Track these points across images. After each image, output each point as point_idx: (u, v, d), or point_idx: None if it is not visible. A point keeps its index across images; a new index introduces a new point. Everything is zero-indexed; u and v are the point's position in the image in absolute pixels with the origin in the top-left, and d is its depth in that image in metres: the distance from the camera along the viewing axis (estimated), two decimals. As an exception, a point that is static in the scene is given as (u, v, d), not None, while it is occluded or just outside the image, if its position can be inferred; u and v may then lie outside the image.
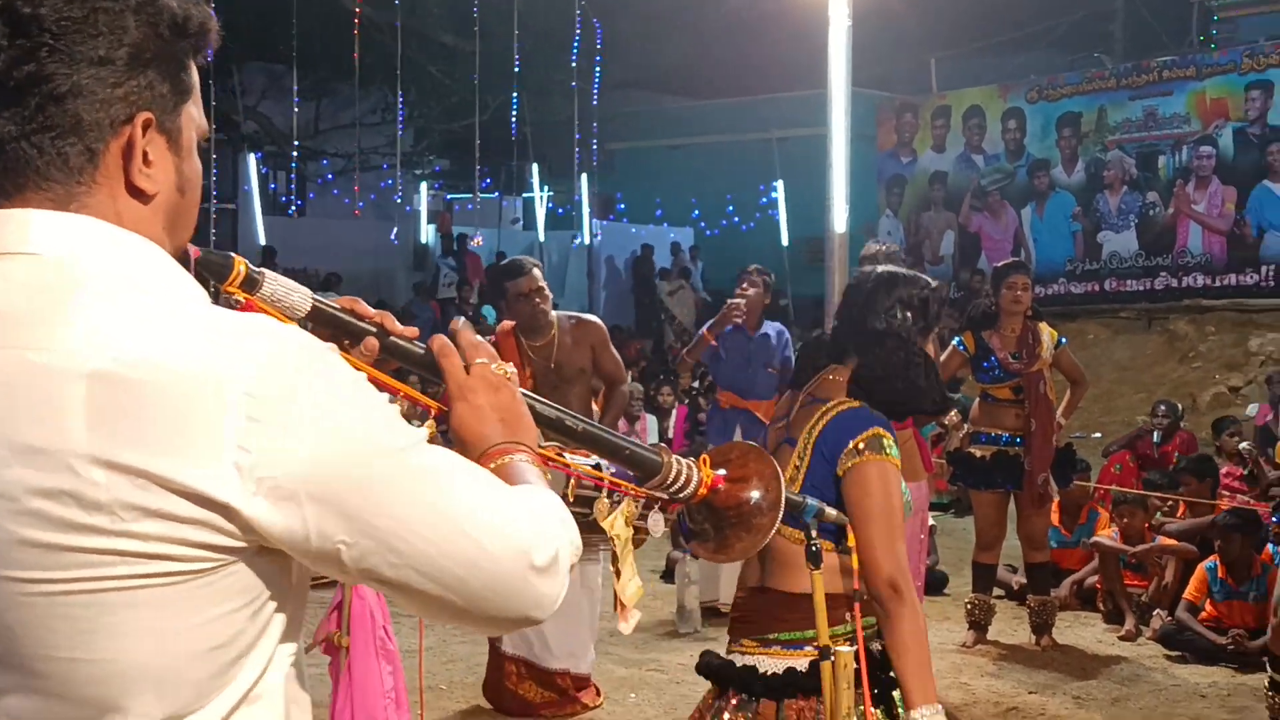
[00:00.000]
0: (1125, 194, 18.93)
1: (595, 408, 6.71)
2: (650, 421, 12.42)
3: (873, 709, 3.08)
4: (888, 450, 3.27)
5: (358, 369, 1.68)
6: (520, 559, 1.45)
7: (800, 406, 3.43)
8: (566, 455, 2.16)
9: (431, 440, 1.67)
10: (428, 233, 25.66)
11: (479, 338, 1.79)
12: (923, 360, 3.39)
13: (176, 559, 1.33)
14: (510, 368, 1.77)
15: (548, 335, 6.20)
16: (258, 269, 1.69)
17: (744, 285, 8.03)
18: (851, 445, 3.24)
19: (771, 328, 8.14)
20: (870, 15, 10.22)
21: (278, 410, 1.34)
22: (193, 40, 1.50)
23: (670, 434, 12.94)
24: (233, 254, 1.67)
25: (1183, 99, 18.42)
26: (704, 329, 7.99)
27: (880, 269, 3.57)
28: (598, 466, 2.19)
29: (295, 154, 18.76)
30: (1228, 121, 17.99)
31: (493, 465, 1.61)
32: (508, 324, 6.33)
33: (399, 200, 21.34)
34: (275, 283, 1.69)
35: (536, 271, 6.25)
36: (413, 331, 1.79)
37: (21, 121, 1.39)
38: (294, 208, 20.19)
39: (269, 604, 1.43)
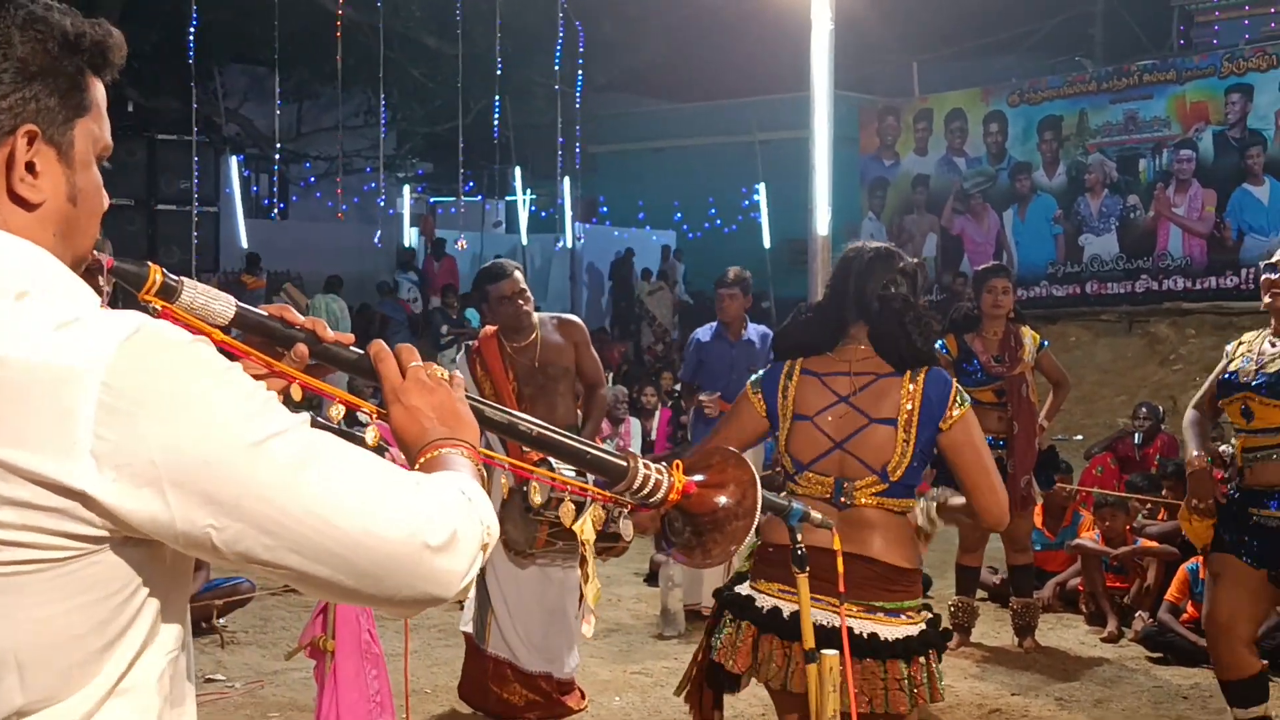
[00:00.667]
0: (1106, 197, 18.99)
1: (579, 411, 6.71)
2: (634, 425, 12.41)
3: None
4: (966, 399, 3.74)
5: (287, 375, 1.73)
6: (411, 538, 1.47)
7: (863, 387, 3.72)
8: (552, 463, 2.16)
9: (376, 444, 1.73)
10: (411, 235, 25.63)
11: (411, 345, 1.82)
12: (927, 314, 3.79)
13: (37, 547, 1.36)
14: (445, 370, 1.80)
15: (530, 336, 6.20)
16: (175, 278, 1.70)
17: (724, 302, 8.03)
18: (951, 400, 3.68)
19: (755, 331, 8.15)
20: (853, 19, 10.26)
21: (135, 399, 1.36)
22: (86, 57, 1.52)
23: (653, 435, 12.94)
24: (149, 263, 1.70)
25: (1163, 102, 18.49)
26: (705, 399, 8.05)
27: (873, 244, 3.93)
28: (582, 474, 2.19)
29: (277, 157, 18.70)
30: (1208, 125, 18.06)
31: (422, 460, 1.66)
32: (490, 328, 6.33)
33: (382, 203, 21.31)
34: (195, 290, 1.71)
35: (518, 274, 6.24)
36: (348, 338, 1.83)
37: None
38: (276, 211, 20.13)
39: (138, 594, 1.44)
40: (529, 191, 26.14)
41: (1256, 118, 17.70)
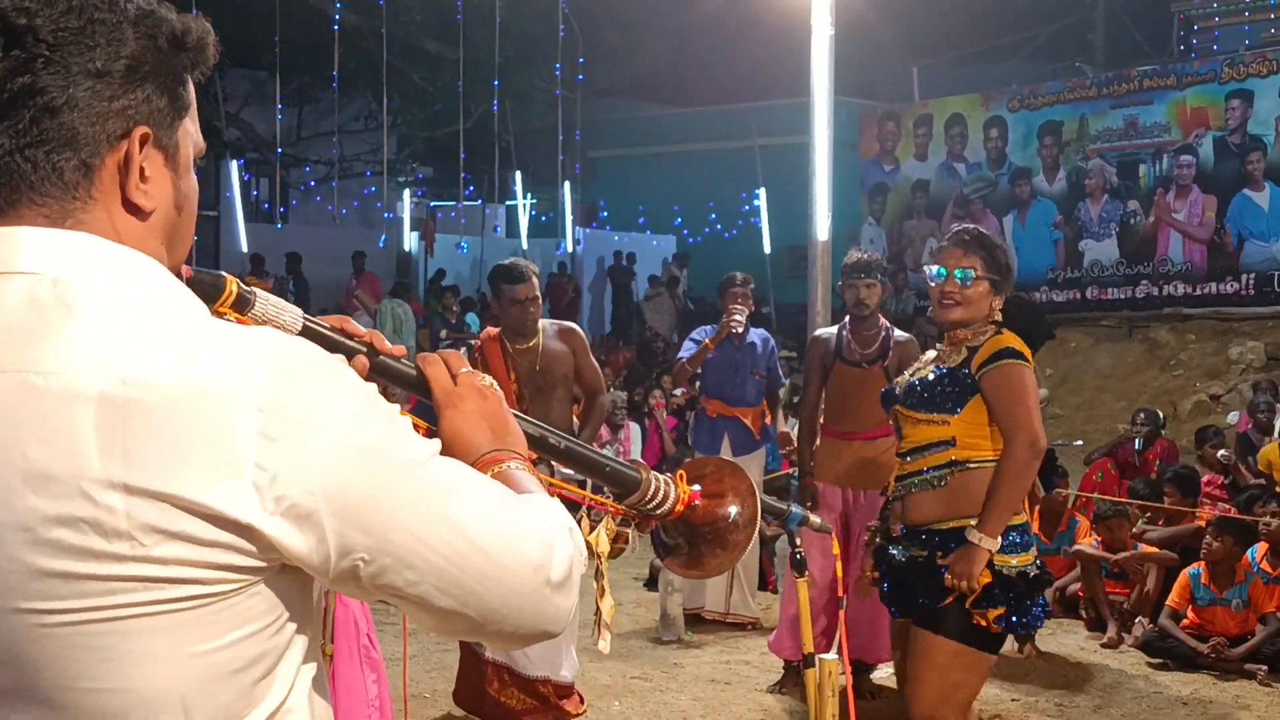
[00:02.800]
0: (1106, 203, 18.99)
1: (574, 417, 6.71)
2: (634, 430, 12.41)
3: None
4: None
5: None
6: (537, 574, 1.44)
7: None
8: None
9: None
10: (411, 240, 25.63)
11: (460, 354, 1.79)
12: None
13: (198, 582, 1.30)
14: (492, 379, 1.76)
15: (533, 340, 6.22)
16: (249, 289, 1.66)
17: (737, 301, 7.99)
18: None
19: (757, 335, 8.15)
20: (853, 24, 10.26)
21: (291, 426, 1.31)
22: (190, 54, 1.47)
23: (645, 443, 12.93)
24: (224, 273, 1.64)
25: (1163, 108, 18.49)
26: (706, 339, 7.97)
27: None
28: (582, 484, 2.19)
29: (278, 161, 18.70)
30: (1208, 131, 18.06)
31: (489, 473, 1.58)
32: (492, 330, 6.34)
33: (381, 208, 21.33)
34: (266, 302, 1.67)
35: (535, 279, 6.27)
36: (400, 350, 1.77)
37: (16, 135, 1.35)
38: (277, 215, 20.12)
39: (290, 623, 1.40)
40: (529, 196, 26.15)
41: (1257, 123, 17.69)
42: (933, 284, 4.37)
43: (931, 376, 4.41)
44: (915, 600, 4.41)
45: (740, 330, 7.86)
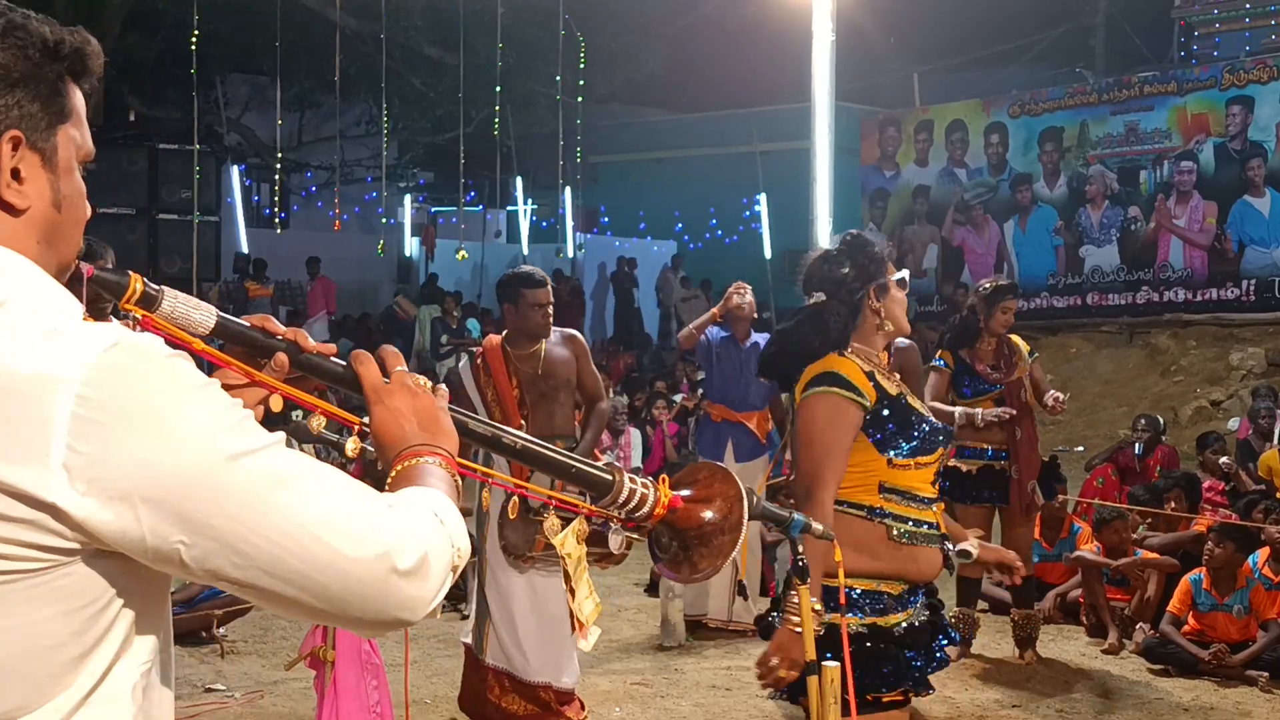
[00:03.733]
0: (1107, 208, 19.00)
1: (576, 424, 6.72)
2: (635, 435, 12.41)
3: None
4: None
5: (267, 385, 1.72)
6: (380, 561, 1.46)
7: None
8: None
9: (357, 454, 1.73)
10: (412, 245, 25.62)
11: (396, 349, 1.82)
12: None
13: (7, 558, 1.35)
14: (428, 380, 1.79)
15: (536, 345, 6.23)
16: (156, 287, 1.69)
17: (741, 290, 8.05)
18: None
19: (761, 338, 8.16)
20: (854, 30, 10.28)
21: (111, 411, 1.36)
22: (66, 63, 1.54)
23: (647, 449, 12.92)
24: (130, 272, 1.69)
25: (1164, 114, 18.50)
26: (711, 310, 8.07)
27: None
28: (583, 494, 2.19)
29: (278, 166, 18.70)
30: (1208, 136, 18.07)
31: (400, 466, 1.64)
32: (494, 338, 6.36)
33: (382, 213, 21.35)
34: (175, 300, 1.70)
35: (550, 285, 6.33)
36: (329, 349, 1.81)
37: None
38: (277, 220, 20.13)
39: (113, 604, 1.44)
40: (530, 201, 26.14)
41: (1257, 129, 17.71)
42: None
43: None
44: None
45: (742, 314, 7.90)
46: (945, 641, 3.92)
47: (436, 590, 1.52)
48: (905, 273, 3.86)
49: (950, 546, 3.78)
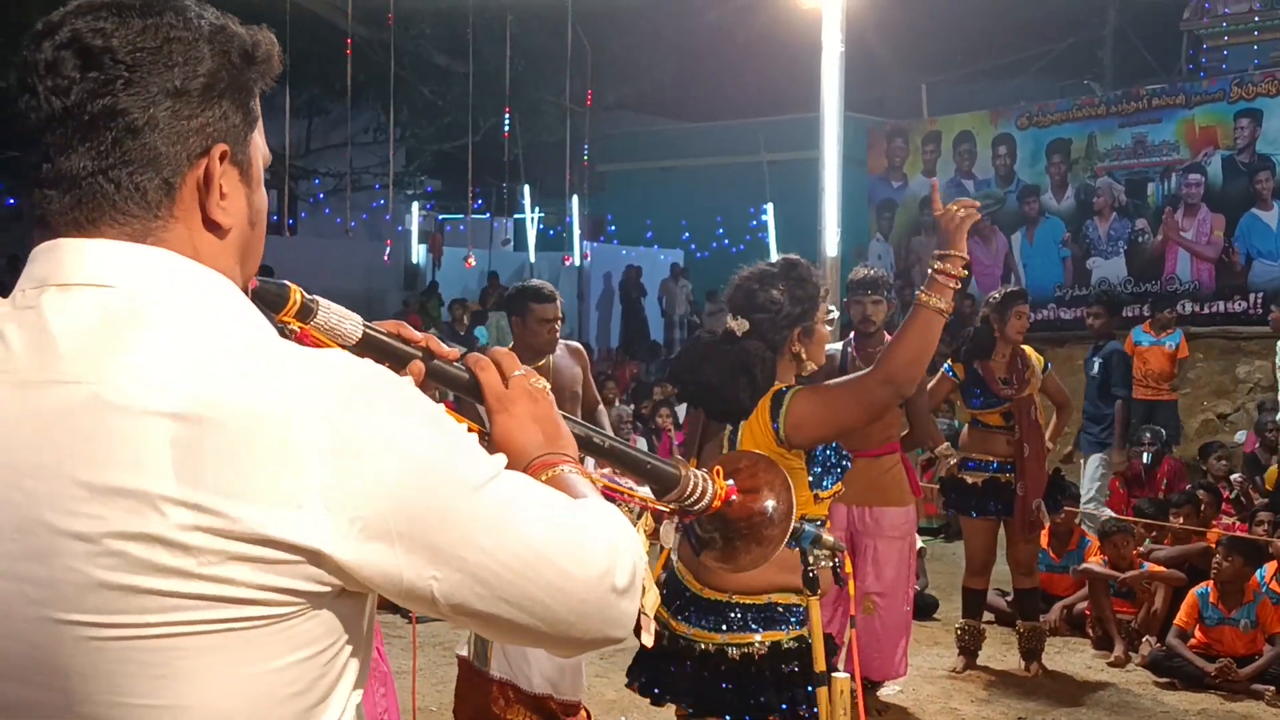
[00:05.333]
0: (1114, 220, 18.98)
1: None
2: (641, 445, 12.42)
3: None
4: None
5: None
6: (603, 581, 1.43)
7: None
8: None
9: None
10: (419, 253, 25.64)
11: (512, 353, 1.79)
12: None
13: (260, 603, 1.29)
14: (544, 381, 1.76)
15: (544, 358, 6.26)
16: (311, 298, 1.68)
17: None
18: None
19: None
20: (862, 41, 10.29)
21: (360, 447, 1.30)
22: (260, 68, 1.48)
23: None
24: (288, 283, 1.66)
25: (1172, 127, 18.49)
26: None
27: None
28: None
29: (287, 173, 18.73)
30: (1216, 149, 18.05)
31: (544, 477, 1.58)
32: (501, 349, 6.37)
33: (390, 220, 21.40)
34: (329, 311, 1.69)
35: (560, 300, 6.34)
36: (454, 353, 1.78)
37: (98, 156, 1.36)
38: (286, 227, 20.16)
39: (345, 648, 1.39)
40: (537, 209, 26.18)
41: (1265, 143, 17.69)
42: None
43: None
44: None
45: None
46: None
47: (638, 605, 1.50)
48: (834, 312, 3.81)
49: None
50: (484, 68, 17.71)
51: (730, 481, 2.17)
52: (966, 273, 3.52)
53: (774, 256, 3.93)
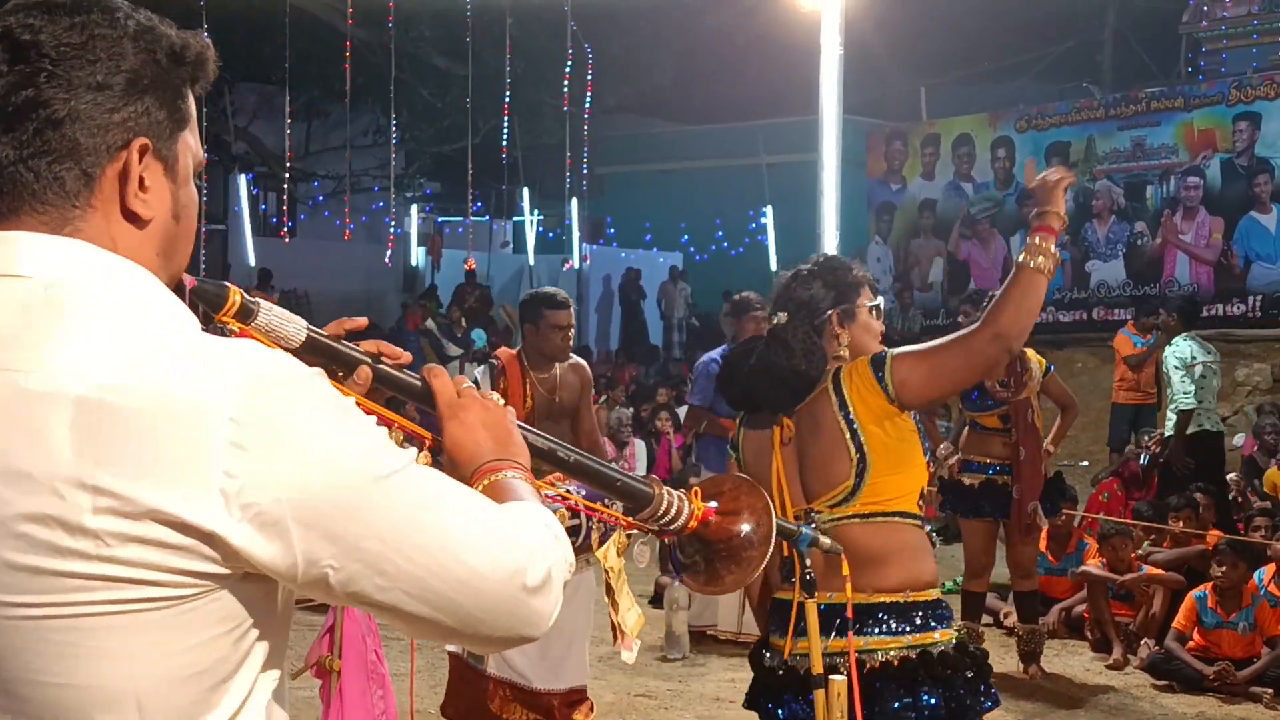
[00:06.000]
0: (1113, 223, 19.01)
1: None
2: (639, 447, 12.42)
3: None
4: None
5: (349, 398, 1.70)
6: (513, 579, 1.46)
7: None
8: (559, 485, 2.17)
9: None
10: (418, 255, 25.65)
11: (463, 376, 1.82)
12: None
13: (160, 584, 1.33)
14: (499, 396, 1.78)
15: (552, 368, 6.26)
16: (253, 299, 1.69)
17: (751, 325, 7.89)
18: None
19: None
20: (861, 43, 10.30)
21: (263, 436, 1.34)
22: (189, 69, 1.50)
23: (651, 461, 12.91)
24: (228, 284, 1.68)
25: (1171, 130, 18.51)
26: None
27: None
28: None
29: (286, 175, 18.72)
30: (1215, 152, 18.07)
31: (485, 481, 1.62)
32: (511, 352, 6.37)
33: (389, 223, 21.42)
34: (270, 313, 1.70)
35: (573, 308, 6.35)
36: (405, 358, 1.80)
37: (19, 146, 1.40)
38: (284, 229, 20.17)
39: (253, 630, 1.42)
40: (536, 212, 26.19)
41: (1264, 145, 17.71)
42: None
43: None
44: None
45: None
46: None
47: (555, 605, 1.51)
48: (880, 300, 3.78)
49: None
50: (483, 70, 17.73)
51: (713, 504, 2.17)
52: (1064, 228, 3.50)
53: (773, 259, 3.93)
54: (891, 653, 3.38)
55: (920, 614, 3.46)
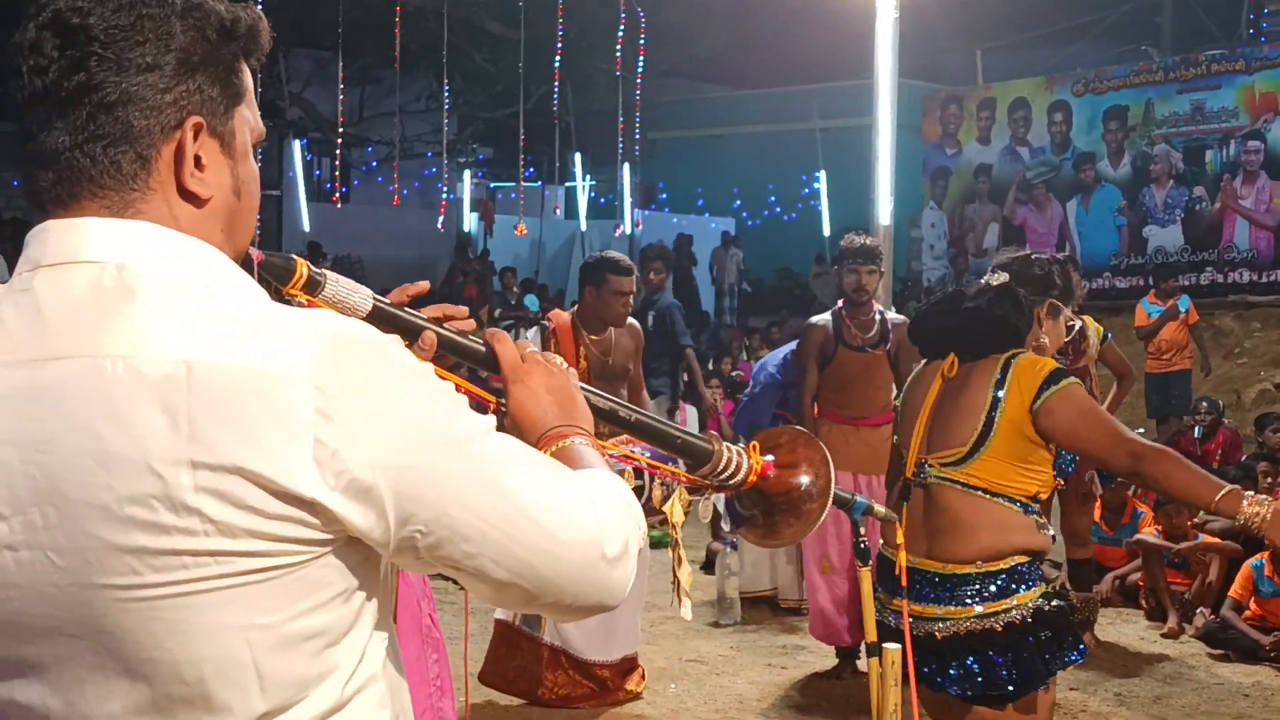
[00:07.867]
0: (1171, 188, 18.78)
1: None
2: (691, 412, 12.42)
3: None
4: None
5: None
6: (591, 548, 1.47)
7: None
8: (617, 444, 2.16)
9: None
10: (470, 220, 25.69)
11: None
12: None
13: (267, 554, 1.35)
14: (562, 359, 1.79)
15: (607, 331, 6.28)
16: (319, 271, 1.70)
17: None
18: None
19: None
20: (916, 6, 10.20)
21: (348, 404, 1.35)
22: (241, 43, 1.51)
23: (701, 427, 12.89)
24: (294, 256, 1.69)
25: (1231, 93, 18.25)
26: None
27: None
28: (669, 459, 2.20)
29: (339, 141, 18.79)
30: (1277, 116, 17.81)
31: (553, 449, 1.62)
32: (563, 314, 6.41)
33: (442, 189, 21.46)
34: (337, 284, 1.71)
35: (636, 275, 6.39)
36: (470, 324, 1.81)
37: (74, 131, 1.41)
38: (338, 195, 20.27)
39: (359, 592, 1.44)
40: (589, 177, 26.17)
41: (1327, 109, 17.45)
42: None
43: None
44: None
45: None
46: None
47: (631, 574, 1.52)
48: (1077, 323, 4.00)
49: None
50: (536, 35, 17.70)
51: (770, 457, 2.17)
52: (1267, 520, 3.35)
53: (826, 225, 4.04)
54: (965, 622, 3.55)
55: (999, 581, 3.58)
